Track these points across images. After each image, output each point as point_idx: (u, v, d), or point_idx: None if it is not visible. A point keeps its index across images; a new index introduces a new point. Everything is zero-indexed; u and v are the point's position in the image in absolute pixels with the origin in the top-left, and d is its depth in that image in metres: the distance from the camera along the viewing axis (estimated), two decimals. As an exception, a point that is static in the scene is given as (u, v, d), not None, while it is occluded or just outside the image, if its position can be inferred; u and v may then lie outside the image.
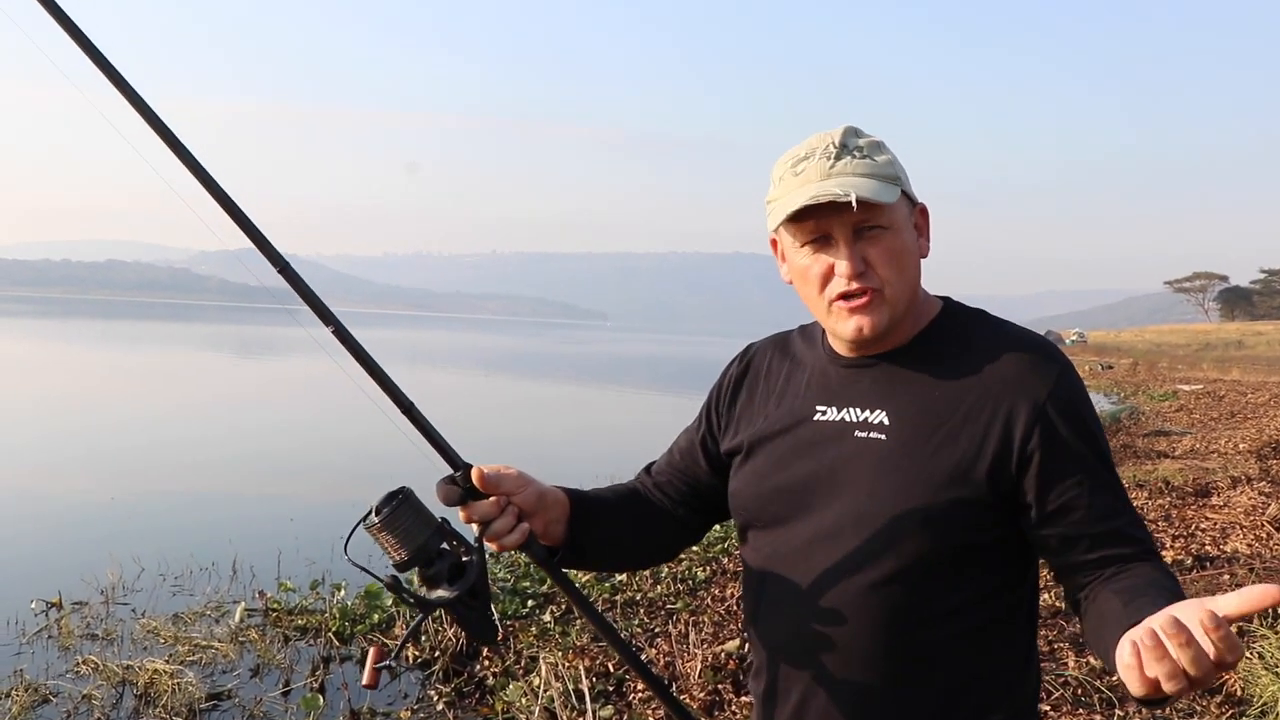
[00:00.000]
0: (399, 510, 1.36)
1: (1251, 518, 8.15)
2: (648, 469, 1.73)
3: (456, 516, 1.46)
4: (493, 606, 1.54)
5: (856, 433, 1.42)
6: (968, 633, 1.39)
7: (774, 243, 1.50)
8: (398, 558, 1.37)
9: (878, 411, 1.42)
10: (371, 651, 1.42)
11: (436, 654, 5.47)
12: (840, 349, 1.50)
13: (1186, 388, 28.74)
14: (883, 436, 1.40)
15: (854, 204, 1.31)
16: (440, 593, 1.39)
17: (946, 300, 1.51)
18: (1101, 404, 23.90)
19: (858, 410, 1.44)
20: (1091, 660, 4.85)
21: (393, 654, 1.41)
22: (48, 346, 43.56)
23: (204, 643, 5.79)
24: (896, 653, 1.38)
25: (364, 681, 1.42)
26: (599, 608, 6.05)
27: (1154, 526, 8.11)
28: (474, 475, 1.42)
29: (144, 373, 30.34)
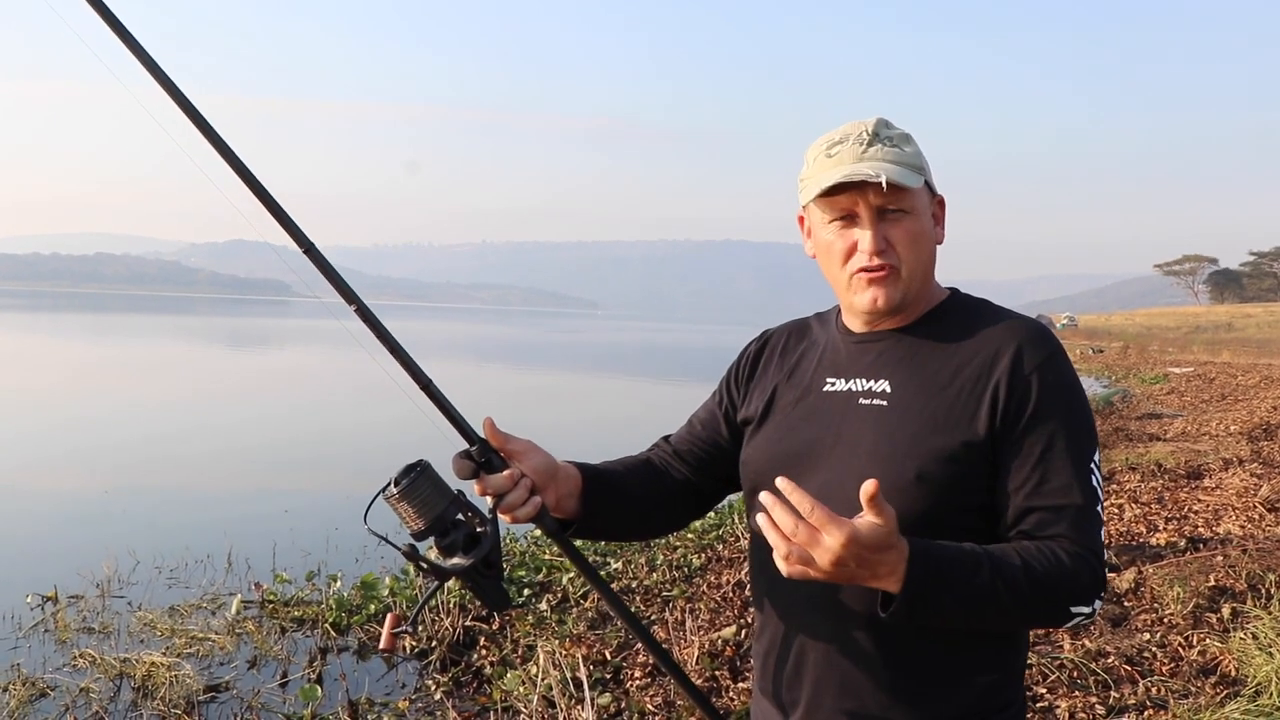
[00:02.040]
0: (417, 481, 1.42)
1: (1244, 499, 8.20)
2: (666, 439, 1.82)
3: (471, 490, 1.51)
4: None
5: (860, 400, 1.52)
6: None
7: (801, 219, 1.60)
8: (415, 527, 1.43)
9: (881, 381, 1.52)
10: (389, 617, 1.48)
11: (433, 644, 5.48)
12: (852, 325, 1.60)
13: (1177, 370, 28.84)
14: (884, 403, 1.50)
15: (884, 184, 1.43)
16: (456, 561, 1.45)
17: (954, 290, 1.62)
18: (1093, 387, 23.97)
19: (863, 380, 1.54)
20: (1087, 643, 4.88)
21: (409, 620, 1.47)
22: (40, 340, 43.37)
23: (201, 635, 5.78)
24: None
25: (381, 645, 1.50)
26: (596, 595, 6.06)
27: (1147, 508, 8.15)
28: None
29: (136, 365, 30.24)
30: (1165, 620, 5.33)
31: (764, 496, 1.26)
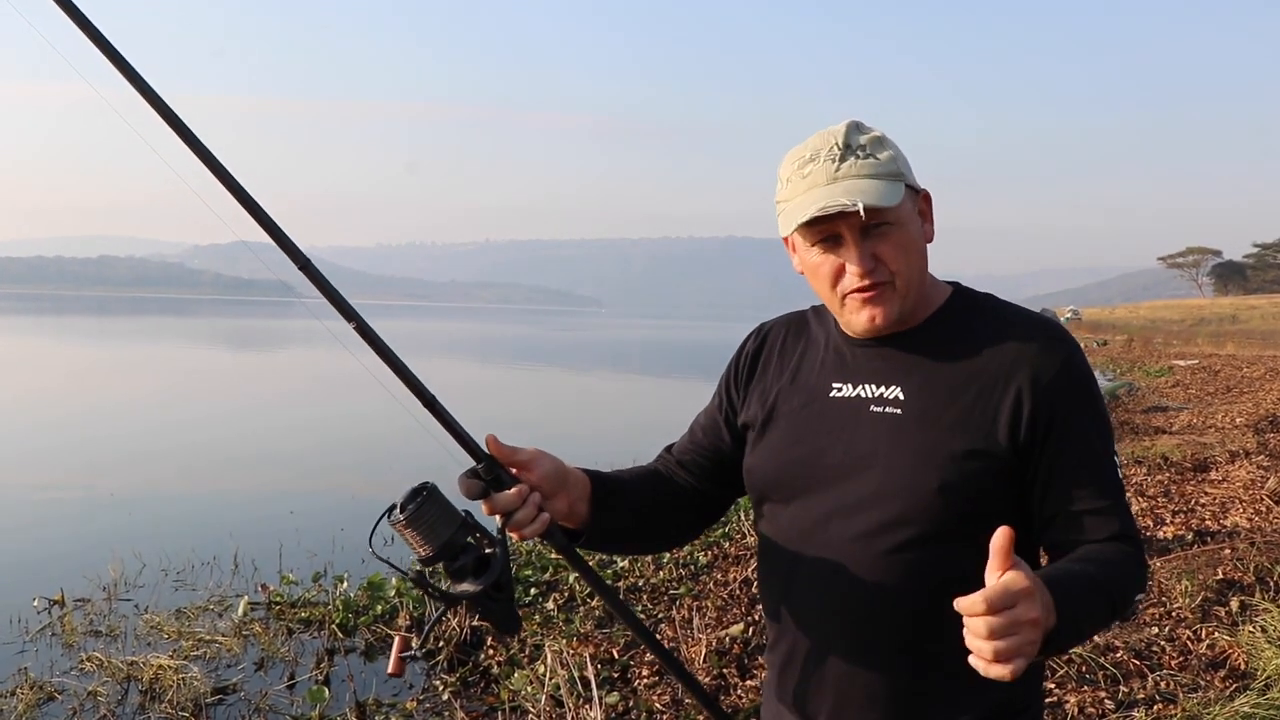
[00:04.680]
0: (424, 507, 1.37)
1: (1251, 492, 8.17)
2: (668, 449, 1.76)
3: (478, 508, 1.47)
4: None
5: (872, 407, 1.47)
6: None
7: (786, 239, 1.54)
8: (423, 553, 1.38)
9: (893, 387, 1.47)
10: (397, 641, 1.46)
11: (441, 644, 5.47)
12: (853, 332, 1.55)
13: (1182, 363, 28.75)
14: (898, 411, 1.45)
15: (862, 213, 1.36)
16: (465, 587, 1.40)
17: (957, 285, 1.57)
18: (1098, 381, 23.90)
19: (873, 386, 1.49)
20: (1095, 637, 4.87)
21: (420, 641, 1.43)
22: (45, 343, 43.42)
23: (207, 637, 5.79)
24: (913, 618, 1.43)
25: (390, 670, 1.47)
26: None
27: (1154, 502, 8.13)
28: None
29: (142, 368, 30.26)
30: (1173, 614, 5.31)
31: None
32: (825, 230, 1.43)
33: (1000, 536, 1.12)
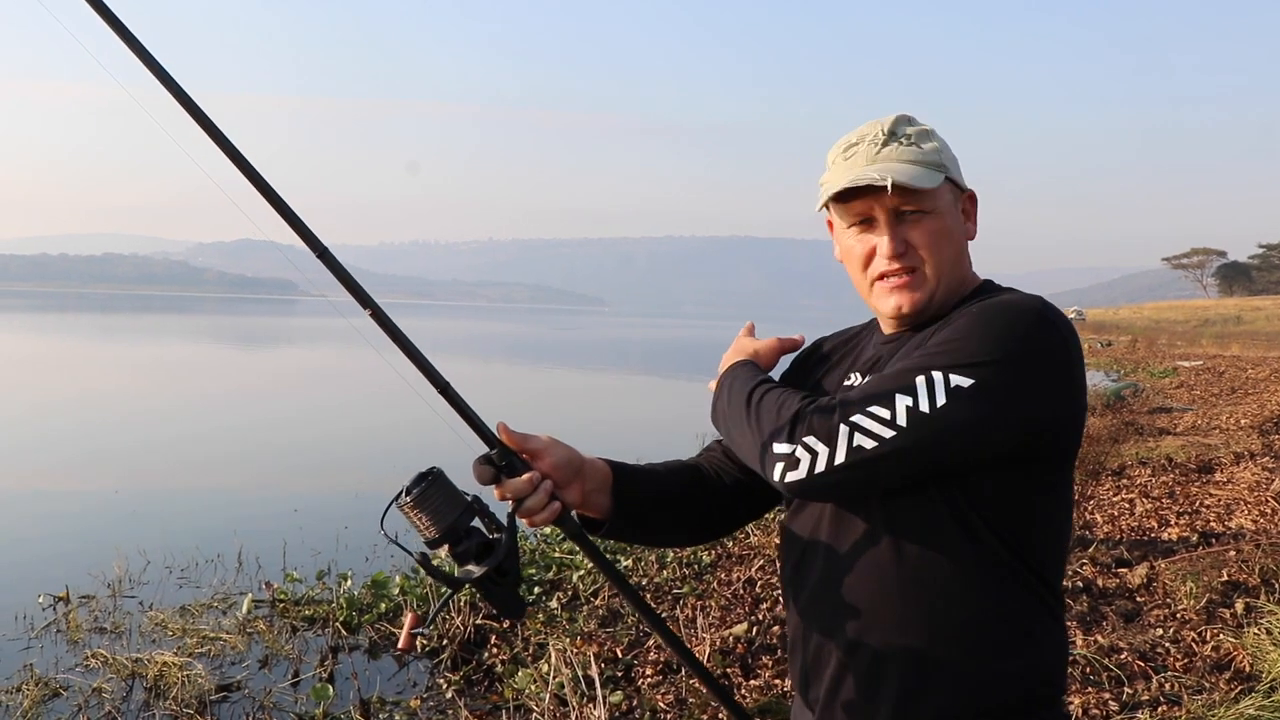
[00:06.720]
0: (429, 490, 1.41)
1: (1256, 493, 8.16)
2: (718, 441, 1.77)
3: (491, 495, 1.50)
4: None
5: None
6: (978, 584, 1.41)
7: (829, 223, 1.58)
8: (428, 535, 1.43)
9: None
10: (408, 617, 1.49)
11: (444, 642, 5.48)
12: (884, 326, 1.58)
13: (1186, 364, 28.70)
14: None
15: (889, 188, 1.39)
16: (468, 570, 1.44)
17: (988, 281, 1.58)
18: (1103, 381, 23.86)
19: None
20: (1099, 639, 4.87)
21: (427, 622, 1.48)
22: (50, 340, 43.46)
23: (212, 634, 5.80)
24: (910, 605, 1.43)
25: (400, 645, 1.51)
26: (606, 592, 6.06)
27: (1159, 503, 8.12)
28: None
29: (146, 365, 30.29)
30: (1178, 615, 5.31)
31: None
32: (861, 212, 1.47)
33: None
